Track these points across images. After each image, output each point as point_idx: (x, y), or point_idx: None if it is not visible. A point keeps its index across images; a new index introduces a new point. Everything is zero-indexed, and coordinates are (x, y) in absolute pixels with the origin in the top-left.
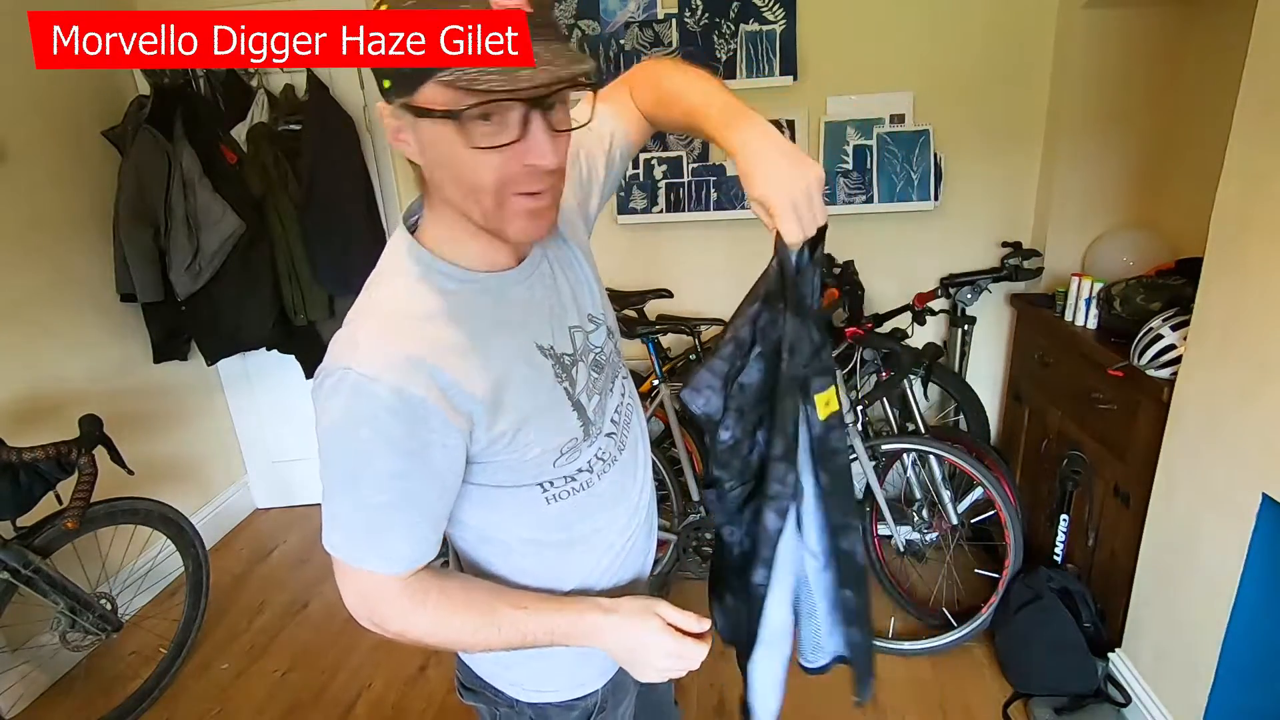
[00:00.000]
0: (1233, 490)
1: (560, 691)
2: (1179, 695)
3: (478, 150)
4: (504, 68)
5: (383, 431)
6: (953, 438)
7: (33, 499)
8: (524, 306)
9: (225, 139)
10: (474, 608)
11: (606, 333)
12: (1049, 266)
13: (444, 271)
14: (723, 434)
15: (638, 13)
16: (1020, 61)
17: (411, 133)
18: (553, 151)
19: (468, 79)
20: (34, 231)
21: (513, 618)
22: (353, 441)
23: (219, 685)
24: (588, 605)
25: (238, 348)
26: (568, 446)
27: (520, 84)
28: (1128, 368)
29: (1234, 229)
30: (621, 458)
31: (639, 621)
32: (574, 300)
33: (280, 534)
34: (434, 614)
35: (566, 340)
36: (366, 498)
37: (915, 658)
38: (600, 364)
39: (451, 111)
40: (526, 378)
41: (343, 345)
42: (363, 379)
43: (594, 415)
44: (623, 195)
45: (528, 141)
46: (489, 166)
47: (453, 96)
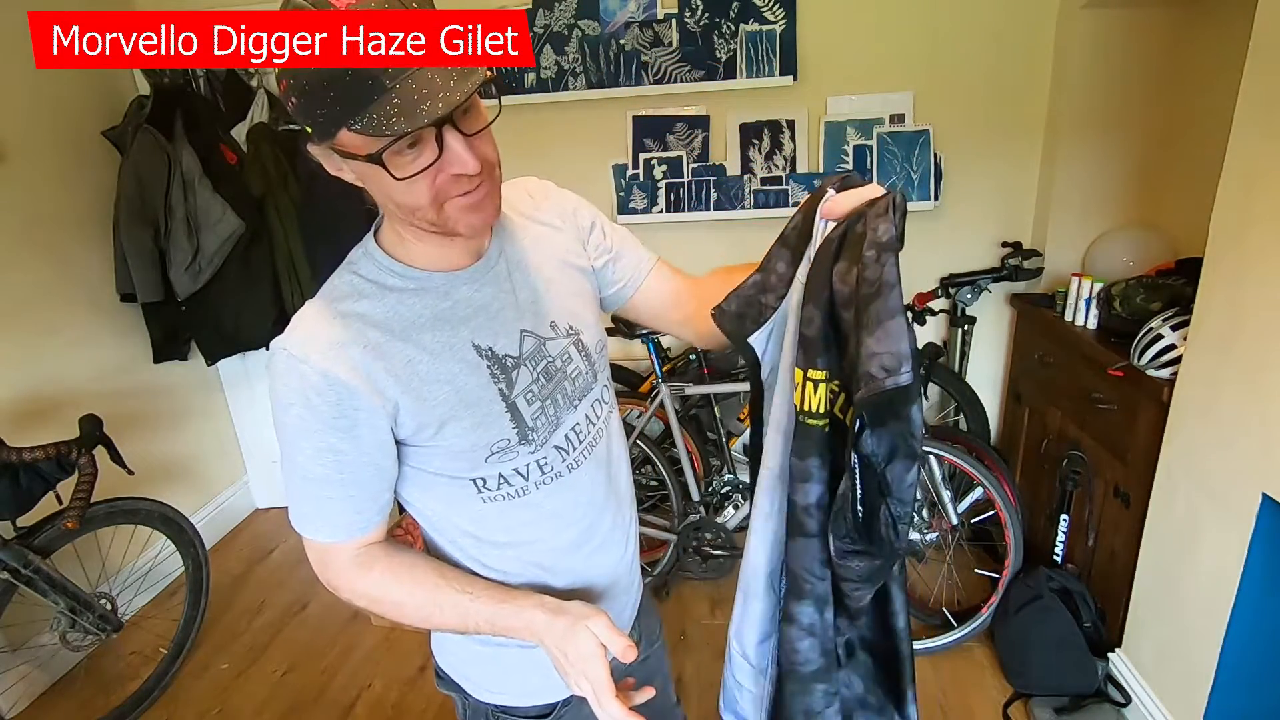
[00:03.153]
0: (1233, 490)
1: (510, 695)
2: (1179, 695)
3: (405, 179)
4: (404, 105)
5: (312, 409)
6: (953, 438)
7: (33, 499)
8: (467, 306)
9: (225, 139)
10: (419, 584)
11: (574, 346)
12: (1049, 266)
13: (391, 269)
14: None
15: (638, 13)
16: (1020, 61)
17: (345, 166)
18: (472, 157)
19: (375, 124)
20: (34, 231)
21: (455, 600)
22: (288, 417)
23: (219, 685)
24: (532, 602)
25: (238, 348)
26: (498, 446)
27: (421, 120)
28: (1128, 368)
29: (1234, 229)
30: (571, 477)
31: (577, 629)
32: (532, 305)
33: (280, 534)
34: (379, 584)
35: (513, 343)
36: (306, 470)
37: (915, 657)
38: (550, 373)
39: (371, 155)
40: (455, 374)
41: (288, 327)
42: (293, 359)
43: (533, 421)
44: (623, 195)
45: (447, 155)
46: (420, 188)
47: (365, 141)
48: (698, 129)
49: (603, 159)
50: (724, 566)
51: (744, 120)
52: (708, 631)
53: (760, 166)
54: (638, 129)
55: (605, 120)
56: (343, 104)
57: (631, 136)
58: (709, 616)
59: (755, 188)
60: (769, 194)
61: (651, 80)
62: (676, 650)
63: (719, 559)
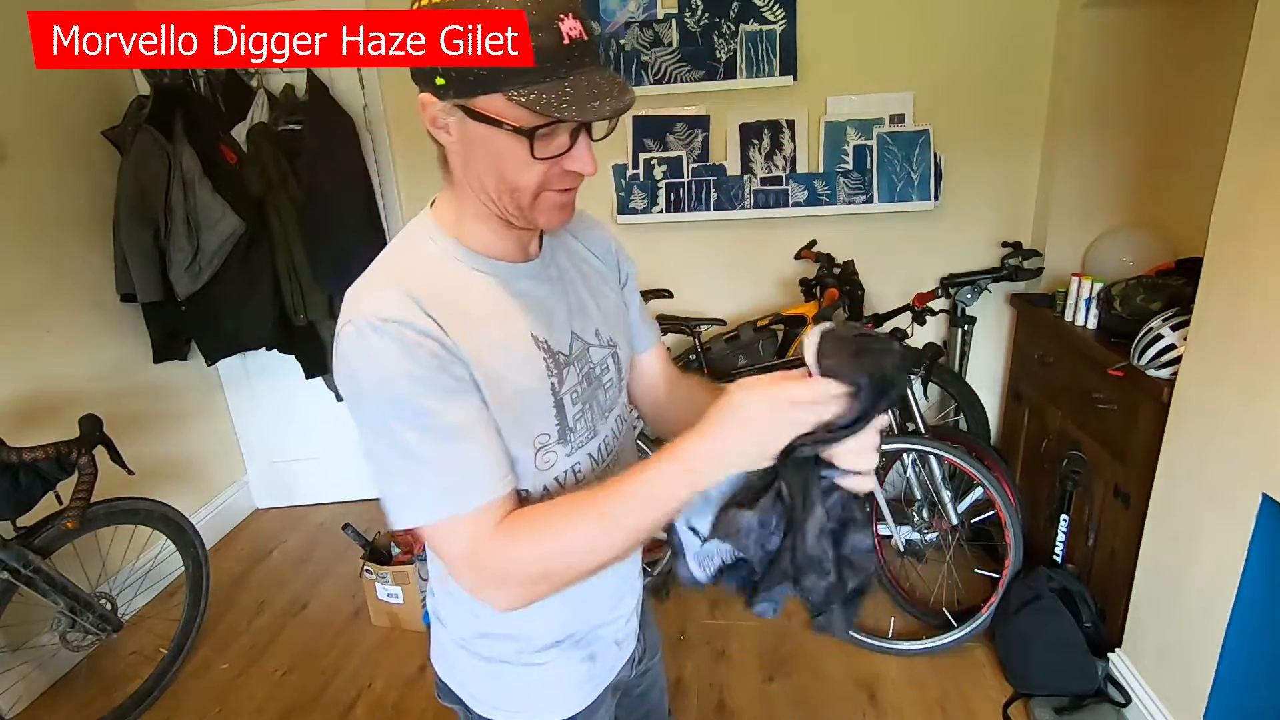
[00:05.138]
0: (1233, 490)
1: (512, 712)
2: (1179, 695)
3: (541, 159)
4: (576, 96)
5: (418, 361)
6: (953, 438)
7: (33, 499)
8: (527, 299)
9: (225, 139)
10: (572, 514)
11: (612, 358)
12: (1049, 266)
13: (453, 253)
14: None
15: (638, 13)
16: (1020, 62)
17: (457, 127)
18: (592, 160)
19: (543, 104)
20: (34, 231)
21: (603, 515)
22: (395, 388)
23: (219, 685)
24: (668, 463)
25: (238, 348)
26: (540, 441)
27: (590, 115)
28: (1128, 368)
29: (1234, 229)
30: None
31: (736, 418)
32: (581, 311)
33: (280, 534)
34: (530, 539)
35: (564, 341)
36: (439, 432)
37: (915, 658)
38: (591, 379)
39: (522, 129)
40: (514, 360)
41: (348, 308)
42: (373, 325)
43: (574, 422)
44: (623, 195)
45: (574, 152)
46: (536, 171)
47: (523, 115)
48: (698, 129)
49: (603, 159)
50: None
51: (744, 120)
52: (708, 631)
53: (760, 166)
54: (638, 129)
55: None
56: (509, 73)
57: (631, 136)
58: (709, 616)
59: (755, 188)
60: (769, 194)
61: (651, 80)
62: (677, 650)
63: None
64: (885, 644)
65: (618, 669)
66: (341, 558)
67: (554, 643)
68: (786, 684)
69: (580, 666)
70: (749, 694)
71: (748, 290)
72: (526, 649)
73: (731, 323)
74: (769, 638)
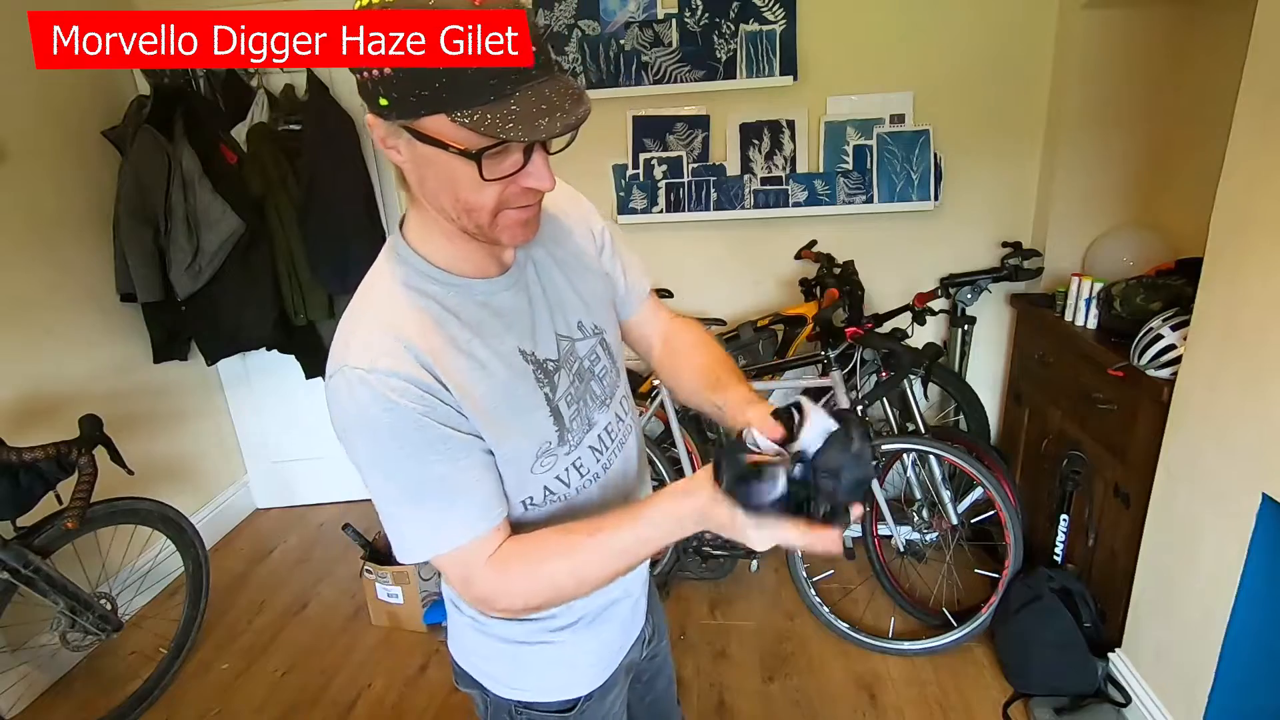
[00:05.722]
0: (1233, 490)
1: (531, 691)
2: (1179, 695)
3: (490, 180)
4: (522, 115)
5: (400, 413)
6: (953, 438)
7: (33, 499)
8: (508, 313)
9: (225, 139)
10: (562, 550)
11: (600, 346)
12: (1049, 266)
13: (427, 273)
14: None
15: (638, 13)
16: (1020, 61)
17: (406, 148)
18: (550, 177)
19: (487, 124)
20: (34, 231)
21: (598, 547)
22: (378, 435)
23: (219, 685)
24: (663, 505)
25: (238, 348)
26: (543, 449)
27: (538, 134)
28: (1128, 368)
29: (1234, 229)
30: (606, 477)
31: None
32: (560, 305)
33: (280, 534)
34: (522, 572)
35: (551, 346)
36: (422, 476)
37: (915, 658)
38: (582, 374)
39: (468, 151)
40: (506, 381)
41: (337, 350)
42: (360, 373)
43: (570, 422)
44: (623, 195)
45: (530, 169)
46: (491, 191)
47: (468, 136)
48: (698, 129)
49: (603, 159)
50: (724, 567)
51: (744, 120)
52: (708, 631)
53: (760, 166)
54: (638, 129)
55: (605, 120)
56: (451, 94)
57: (631, 136)
58: (709, 616)
59: (755, 188)
60: (769, 194)
61: (651, 80)
62: (676, 650)
63: (719, 559)
64: (885, 644)
65: (628, 648)
66: (341, 558)
67: (568, 624)
68: (786, 684)
69: (594, 645)
70: (749, 694)
71: (748, 290)
72: (541, 629)
73: (731, 323)
74: (769, 638)
